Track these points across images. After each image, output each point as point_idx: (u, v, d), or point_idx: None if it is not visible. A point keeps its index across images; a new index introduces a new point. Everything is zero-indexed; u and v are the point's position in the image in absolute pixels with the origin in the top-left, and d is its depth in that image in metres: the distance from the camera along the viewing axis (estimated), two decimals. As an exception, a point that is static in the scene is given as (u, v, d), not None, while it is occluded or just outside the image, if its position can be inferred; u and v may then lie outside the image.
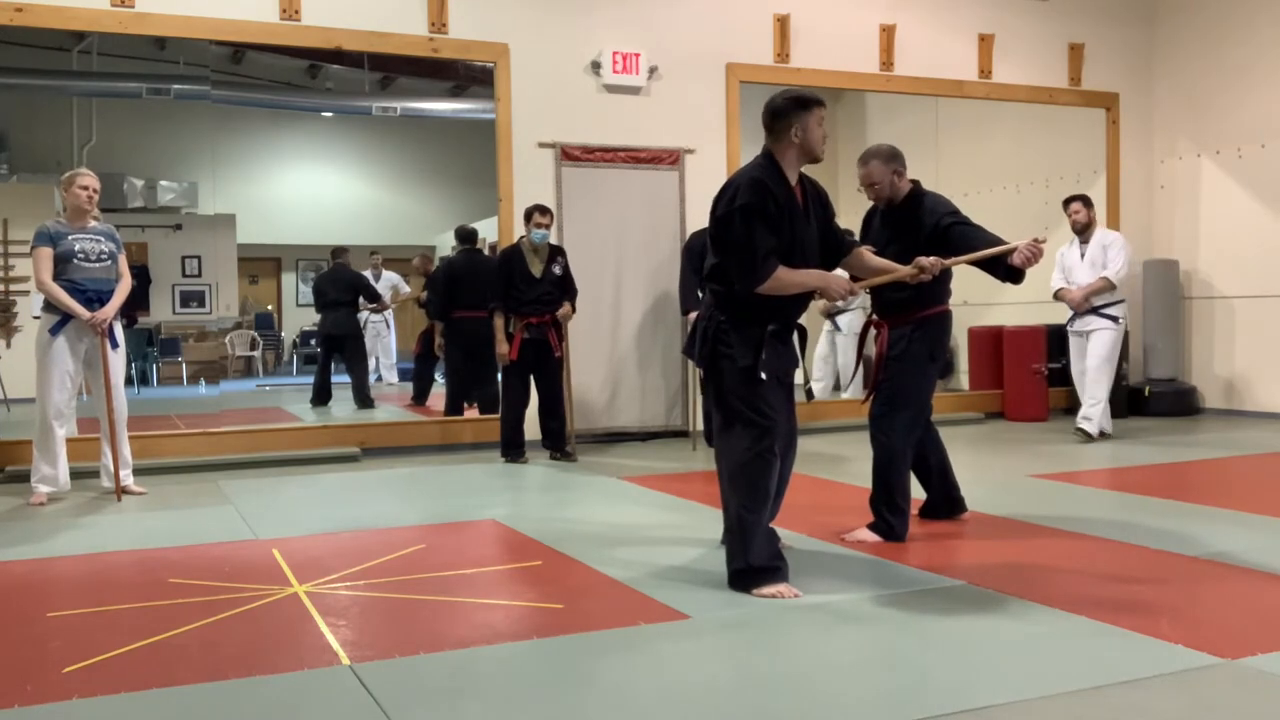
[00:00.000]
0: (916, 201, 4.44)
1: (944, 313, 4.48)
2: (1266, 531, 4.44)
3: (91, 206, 5.69)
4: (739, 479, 3.65)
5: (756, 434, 3.63)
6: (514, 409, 6.90)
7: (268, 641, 3.15)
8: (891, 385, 4.42)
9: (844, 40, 8.43)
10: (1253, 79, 8.81)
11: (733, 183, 3.65)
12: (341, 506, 5.51)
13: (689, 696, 2.67)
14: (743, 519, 3.62)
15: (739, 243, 3.58)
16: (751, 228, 3.57)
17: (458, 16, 7.34)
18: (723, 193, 3.67)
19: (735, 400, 3.66)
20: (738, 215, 3.58)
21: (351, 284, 10.10)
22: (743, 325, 3.66)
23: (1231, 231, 9.03)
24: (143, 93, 9.42)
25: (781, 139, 3.70)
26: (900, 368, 4.40)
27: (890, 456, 4.39)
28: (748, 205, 3.58)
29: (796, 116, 3.69)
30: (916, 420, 4.45)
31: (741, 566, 3.60)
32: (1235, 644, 2.95)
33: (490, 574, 3.98)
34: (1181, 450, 7.02)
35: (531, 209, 6.89)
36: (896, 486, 4.36)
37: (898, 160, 4.47)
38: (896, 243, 4.38)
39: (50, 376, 5.56)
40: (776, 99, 3.74)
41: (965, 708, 2.52)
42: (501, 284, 6.82)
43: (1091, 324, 7.47)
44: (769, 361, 3.65)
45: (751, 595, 3.52)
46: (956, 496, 4.74)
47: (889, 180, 4.43)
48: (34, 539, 4.70)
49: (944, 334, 4.50)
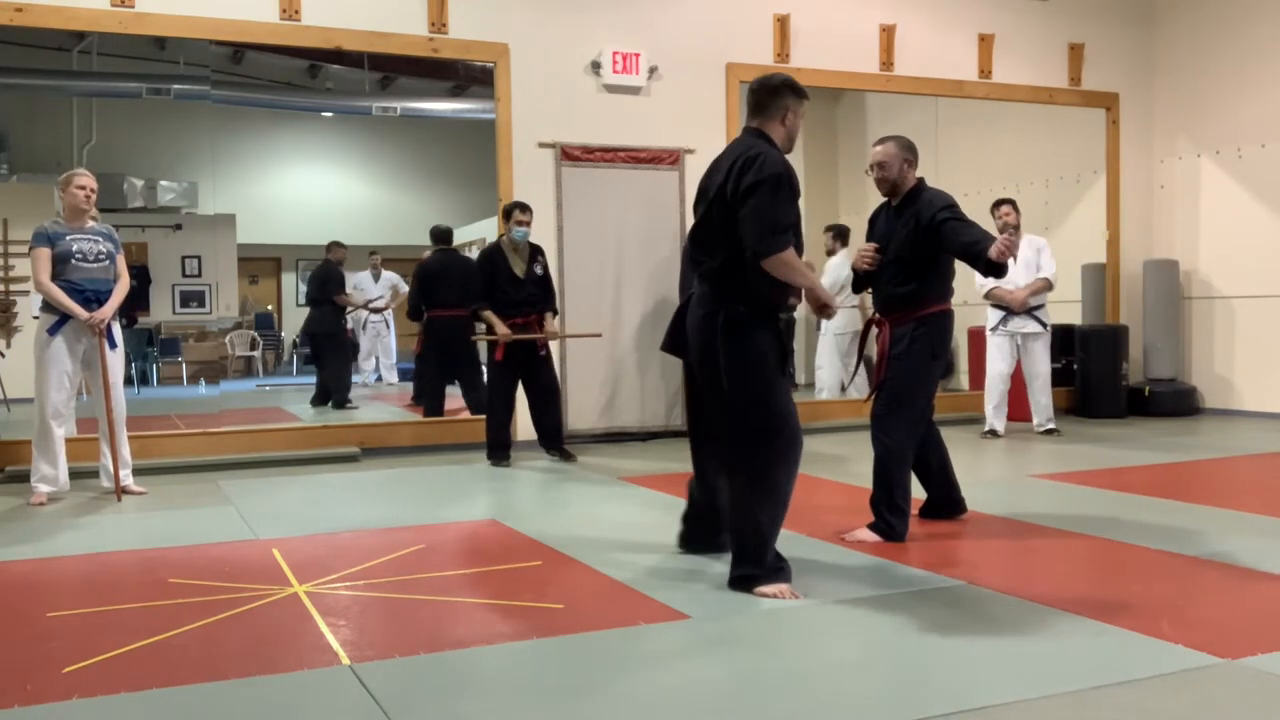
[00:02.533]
0: (915, 195, 4.45)
1: (946, 311, 4.48)
2: (1266, 531, 4.44)
3: (89, 206, 5.68)
4: (761, 485, 3.55)
5: (781, 436, 3.56)
6: (500, 411, 6.79)
7: (268, 641, 3.15)
8: (893, 385, 4.42)
9: (844, 40, 8.43)
10: (1252, 79, 8.81)
11: (756, 155, 3.53)
12: (341, 506, 5.51)
13: (689, 696, 2.67)
14: (764, 526, 3.54)
15: (764, 208, 3.46)
16: (779, 197, 3.49)
17: (458, 16, 7.35)
18: (748, 165, 3.52)
19: (753, 400, 3.55)
20: (768, 182, 3.47)
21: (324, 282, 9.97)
22: (757, 317, 3.58)
23: (1231, 231, 9.03)
24: (143, 93, 9.41)
25: (772, 120, 3.68)
26: (902, 366, 4.40)
27: (891, 456, 4.38)
28: (780, 175, 3.50)
29: (791, 101, 3.68)
30: (918, 420, 4.45)
31: (752, 572, 3.54)
32: (1235, 644, 2.94)
33: (490, 574, 3.98)
34: (1181, 450, 7.01)
35: (512, 206, 6.78)
36: (897, 486, 4.36)
37: (912, 152, 4.49)
38: (893, 236, 4.41)
39: (48, 376, 5.56)
40: (773, 78, 3.71)
41: (965, 708, 2.52)
42: (485, 284, 6.68)
43: (1028, 327, 7.65)
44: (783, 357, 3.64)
45: (753, 594, 3.50)
46: (957, 497, 4.74)
47: (899, 166, 4.44)
48: (34, 539, 4.70)
49: (946, 332, 4.49)
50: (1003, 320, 7.72)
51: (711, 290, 3.66)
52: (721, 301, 3.61)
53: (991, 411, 7.82)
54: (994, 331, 7.78)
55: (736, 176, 3.54)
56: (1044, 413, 7.80)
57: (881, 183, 4.51)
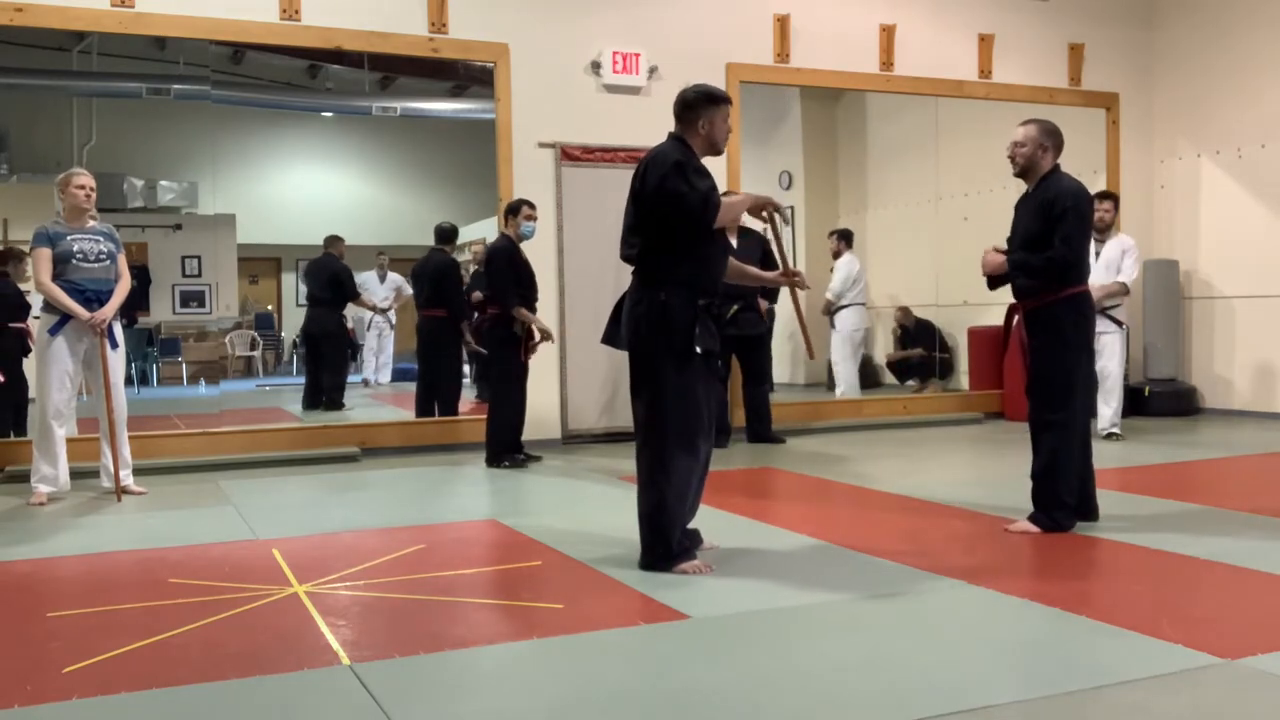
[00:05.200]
0: (1048, 180, 4.43)
1: (1081, 292, 4.42)
2: (1266, 531, 4.44)
3: (90, 205, 5.68)
4: (662, 470, 3.81)
5: (685, 423, 3.81)
6: (520, 413, 6.72)
7: (268, 641, 3.15)
8: (1042, 374, 4.38)
9: (844, 40, 8.43)
10: (1252, 79, 8.81)
11: (657, 152, 3.85)
12: (341, 506, 5.51)
13: (689, 696, 2.66)
14: (667, 507, 3.82)
15: (683, 190, 3.75)
16: (689, 177, 3.77)
17: (458, 16, 7.35)
18: (650, 161, 3.84)
19: (665, 388, 3.80)
20: (673, 171, 3.76)
21: (332, 279, 9.68)
22: (678, 300, 3.79)
23: (1231, 231, 9.02)
24: (143, 93, 9.41)
25: (690, 130, 3.92)
26: (1047, 355, 4.36)
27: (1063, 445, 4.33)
28: (681, 162, 3.79)
29: (705, 111, 3.90)
30: (1082, 401, 4.41)
31: (663, 552, 3.82)
32: (1235, 644, 2.94)
33: (490, 574, 3.98)
34: (1181, 450, 7.01)
35: (519, 203, 6.69)
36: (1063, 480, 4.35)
37: (1052, 138, 4.49)
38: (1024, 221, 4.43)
39: (49, 376, 5.56)
40: (688, 92, 3.94)
41: (965, 708, 2.52)
42: (511, 282, 6.49)
43: (1101, 326, 7.46)
44: (703, 337, 3.79)
45: (672, 571, 3.79)
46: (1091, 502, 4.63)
47: (1035, 150, 4.45)
48: (34, 539, 4.70)
49: (1084, 315, 4.43)
50: None
51: (636, 279, 3.92)
52: (644, 289, 3.86)
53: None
54: None
55: (641, 178, 3.86)
56: (1112, 416, 7.54)
57: (1014, 160, 4.51)
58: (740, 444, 7.50)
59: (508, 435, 6.69)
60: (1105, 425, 7.54)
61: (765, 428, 7.57)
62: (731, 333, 7.28)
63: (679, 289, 3.80)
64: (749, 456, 7.00)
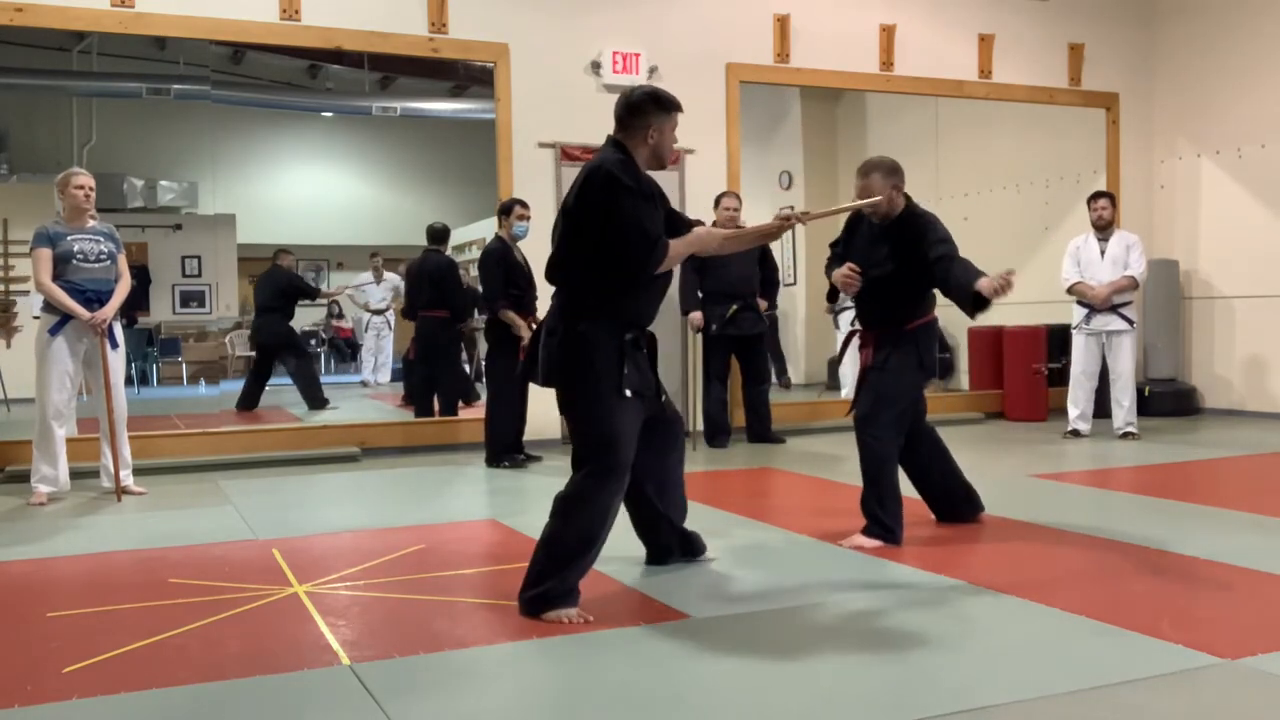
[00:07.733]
0: (916, 221, 4.30)
1: (930, 322, 4.40)
2: (1266, 531, 4.44)
3: (89, 205, 5.68)
4: (576, 512, 3.36)
5: (605, 475, 3.37)
6: (520, 413, 6.69)
7: (268, 641, 3.15)
8: (875, 386, 4.34)
9: (844, 40, 8.43)
10: (1253, 79, 8.81)
11: (598, 170, 3.37)
12: (341, 506, 5.51)
13: (689, 696, 2.67)
14: (571, 549, 3.34)
15: (630, 225, 3.32)
16: (639, 210, 3.35)
17: (458, 16, 7.34)
18: (590, 180, 3.37)
19: (588, 428, 3.38)
20: (623, 199, 3.32)
21: (282, 289, 9.84)
22: (601, 335, 3.37)
23: (1231, 231, 9.02)
24: (143, 93, 9.42)
25: (635, 136, 3.48)
26: (885, 373, 4.32)
27: (879, 458, 4.30)
28: (630, 189, 3.34)
29: (655, 117, 3.47)
30: (902, 420, 4.36)
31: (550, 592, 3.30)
32: (1235, 644, 2.94)
33: (490, 574, 3.98)
34: (1181, 450, 7.01)
35: (511, 203, 6.67)
36: (886, 486, 4.29)
37: (898, 175, 4.34)
38: (899, 264, 4.26)
39: (49, 376, 5.56)
40: (635, 94, 3.52)
41: (965, 708, 2.52)
42: (502, 283, 6.50)
43: (1113, 324, 7.48)
44: (631, 377, 3.38)
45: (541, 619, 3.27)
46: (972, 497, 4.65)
47: (888, 195, 4.29)
48: (34, 539, 4.70)
49: (932, 340, 4.41)
50: (1086, 318, 7.56)
51: (554, 304, 3.51)
52: (561, 319, 3.43)
53: (1074, 411, 7.65)
54: (1077, 329, 7.65)
55: (581, 194, 3.40)
56: (1125, 415, 7.50)
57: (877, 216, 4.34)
58: (740, 444, 7.50)
59: (508, 435, 6.69)
60: (1120, 425, 7.54)
61: (765, 428, 7.57)
62: (731, 333, 7.29)
63: (601, 322, 3.37)
64: (749, 456, 7.00)
